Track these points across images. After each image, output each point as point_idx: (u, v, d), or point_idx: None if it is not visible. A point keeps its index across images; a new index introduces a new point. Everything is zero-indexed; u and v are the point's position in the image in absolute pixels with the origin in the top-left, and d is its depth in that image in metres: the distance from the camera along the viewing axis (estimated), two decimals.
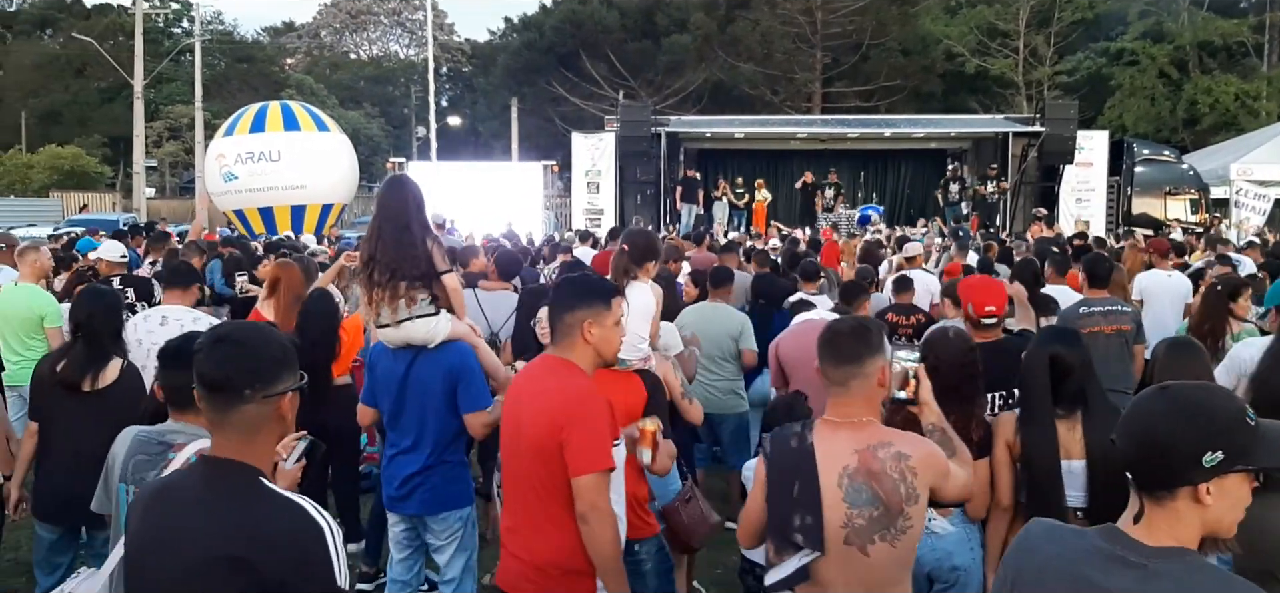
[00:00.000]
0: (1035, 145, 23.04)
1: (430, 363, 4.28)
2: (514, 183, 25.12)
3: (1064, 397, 3.70)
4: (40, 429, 4.60)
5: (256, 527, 2.10)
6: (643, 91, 37.83)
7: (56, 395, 4.53)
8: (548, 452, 3.12)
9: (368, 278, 4.32)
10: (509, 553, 3.33)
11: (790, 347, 6.07)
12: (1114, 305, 6.78)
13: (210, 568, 2.07)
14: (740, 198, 23.95)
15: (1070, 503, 3.63)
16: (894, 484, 2.83)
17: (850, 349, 2.96)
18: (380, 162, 43.10)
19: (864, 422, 2.93)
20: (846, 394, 2.95)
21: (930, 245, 14.78)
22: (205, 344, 2.26)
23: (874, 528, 2.83)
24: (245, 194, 23.65)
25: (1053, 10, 39.21)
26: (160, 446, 3.22)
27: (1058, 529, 2.11)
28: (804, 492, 2.87)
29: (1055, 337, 3.95)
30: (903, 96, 39.92)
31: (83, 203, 37.28)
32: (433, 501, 4.32)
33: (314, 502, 2.21)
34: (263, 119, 24.81)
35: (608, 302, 3.34)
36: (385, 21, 71.63)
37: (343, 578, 2.14)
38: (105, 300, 4.82)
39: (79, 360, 4.51)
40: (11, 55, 54.85)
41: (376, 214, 4.44)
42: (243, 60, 57.06)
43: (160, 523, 2.18)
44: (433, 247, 4.32)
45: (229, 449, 2.19)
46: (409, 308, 4.22)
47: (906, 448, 2.88)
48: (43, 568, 4.68)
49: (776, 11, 42.17)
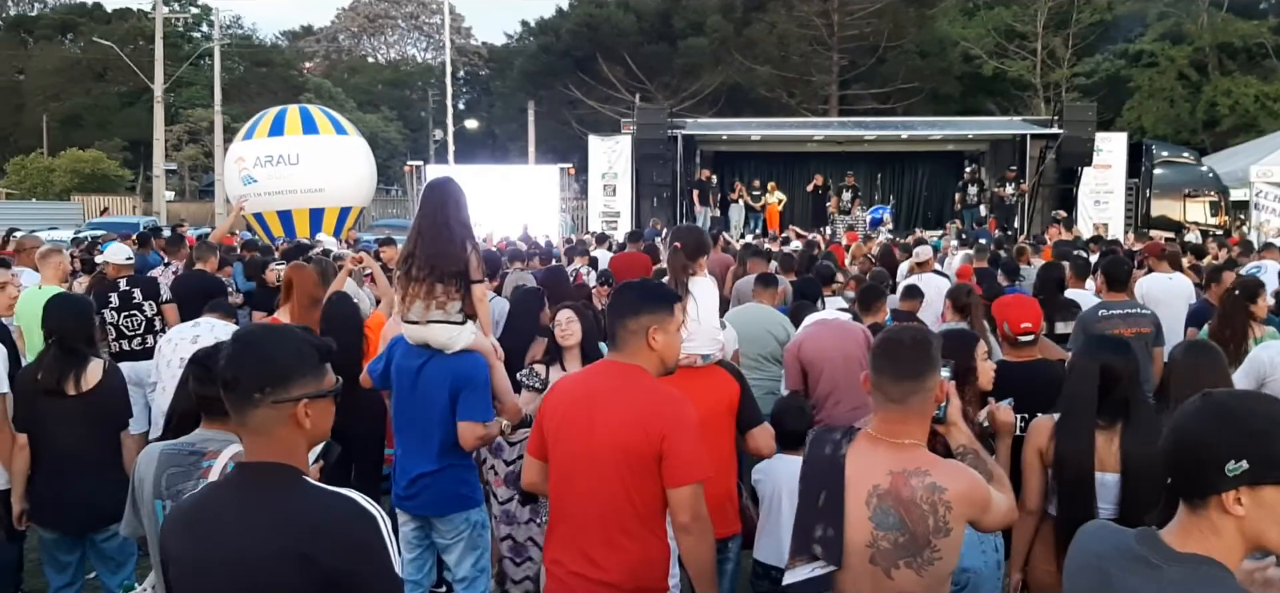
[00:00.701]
0: (1053, 148, 22.94)
1: (440, 366, 4.28)
2: (530, 186, 25.17)
3: (1107, 407, 3.63)
4: (31, 438, 4.63)
5: (311, 521, 2.09)
6: (659, 94, 37.90)
7: (41, 403, 4.57)
8: (637, 462, 3.03)
9: (406, 274, 4.33)
10: (563, 568, 3.18)
11: (812, 348, 6.00)
12: (1133, 308, 6.76)
13: (274, 567, 2.06)
14: (757, 200, 23.95)
15: (1101, 515, 3.55)
16: (923, 515, 2.70)
17: (912, 363, 2.79)
18: (398, 165, 43.26)
19: (906, 443, 2.78)
20: (902, 411, 2.78)
21: (948, 248, 14.76)
22: (226, 346, 2.29)
23: (899, 553, 2.71)
24: (264, 197, 23.76)
25: (1071, 12, 39.02)
26: (192, 456, 3.18)
27: (1107, 528, 2.11)
28: (829, 504, 2.78)
29: (1107, 346, 3.86)
30: (920, 99, 39.77)
31: (103, 206, 37.57)
32: (440, 501, 4.33)
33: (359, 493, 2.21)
34: (282, 122, 24.93)
35: (671, 307, 3.27)
36: (402, 25, 71.97)
37: (398, 564, 2.16)
38: (74, 306, 4.86)
39: (55, 366, 4.56)
40: (33, 60, 55.34)
41: (418, 214, 4.46)
42: (262, 64, 57.40)
43: (207, 536, 2.16)
44: (471, 252, 4.32)
45: (259, 452, 2.19)
46: (439, 310, 4.23)
47: (943, 479, 2.72)
48: (53, 568, 4.72)
49: (793, 14, 42.11)
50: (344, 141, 25.61)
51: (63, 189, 41.92)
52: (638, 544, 3.05)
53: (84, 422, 4.52)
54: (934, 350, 2.85)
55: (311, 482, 2.19)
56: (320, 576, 2.05)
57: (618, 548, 3.06)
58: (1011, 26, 40.74)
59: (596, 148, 24.95)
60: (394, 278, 4.80)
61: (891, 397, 2.78)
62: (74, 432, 4.52)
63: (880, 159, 26.24)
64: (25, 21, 62.44)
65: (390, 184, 46.93)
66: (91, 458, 4.48)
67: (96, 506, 4.47)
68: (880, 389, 2.81)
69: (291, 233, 22.25)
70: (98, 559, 4.71)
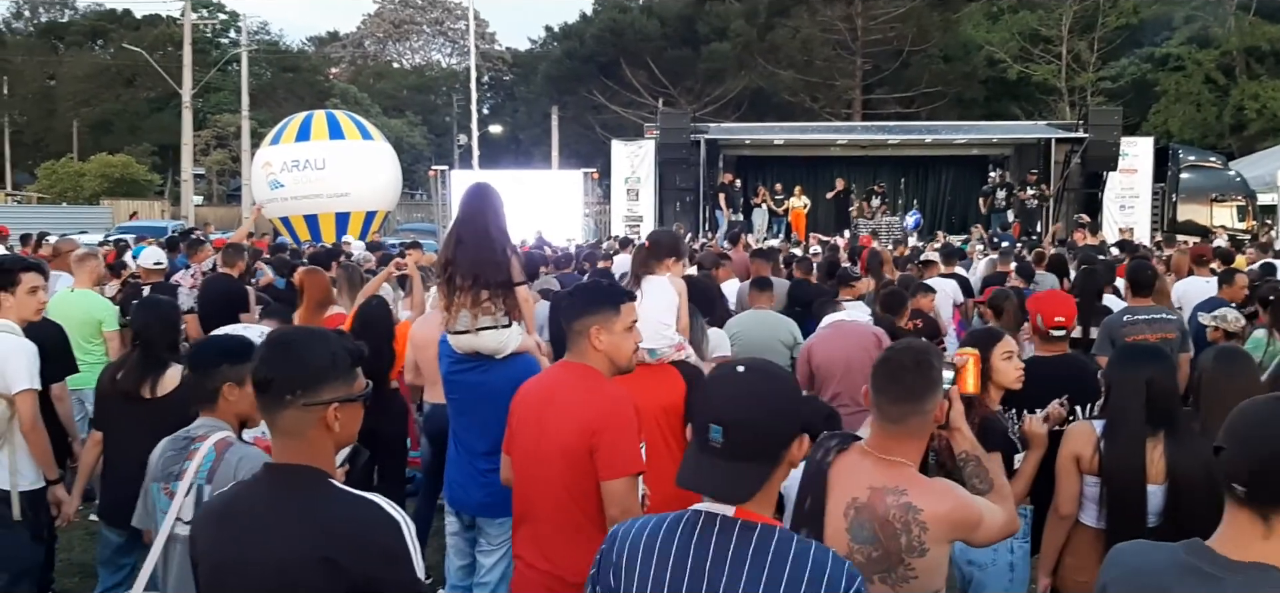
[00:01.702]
0: (1078, 152, 22.83)
1: (500, 373, 4.33)
2: (554, 190, 25.24)
3: (1151, 418, 3.60)
4: (104, 437, 4.70)
5: (336, 526, 2.11)
6: (682, 99, 37.93)
7: (118, 404, 4.62)
8: (577, 460, 3.11)
9: (447, 282, 4.39)
10: (526, 564, 3.29)
11: (824, 352, 6.02)
12: (1158, 313, 6.69)
13: (300, 572, 2.08)
14: (780, 205, 23.92)
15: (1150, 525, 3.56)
16: (895, 534, 2.64)
17: (912, 387, 2.73)
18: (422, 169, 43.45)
19: (894, 461, 2.72)
20: (898, 430, 2.73)
21: (973, 252, 14.73)
22: (260, 347, 2.32)
23: (873, 568, 2.65)
24: (291, 202, 23.97)
25: (1096, 16, 38.81)
26: (184, 440, 3.35)
27: (1145, 545, 2.10)
28: (812, 509, 2.76)
29: (1147, 357, 3.84)
30: (944, 103, 39.67)
31: (132, 210, 37.91)
32: (492, 504, 4.35)
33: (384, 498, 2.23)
34: (308, 128, 25.14)
35: (616, 307, 3.31)
36: (428, 31, 72.27)
37: (422, 570, 2.17)
38: (161, 310, 4.92)
39: (136, 369, 4.61)
40: (64, 66, 55.98)
41: (456, 220, 4.51)
42: (288, 70, 57.86)
43: (237, 536, 2.17)
44: (512, 256, 4.39)
45: (288, 454, 2.20)
46: (486, 317, 4.29)
47: (920, 501, 2.64)
48: (108, 568, 4.78)
49: (817, 18, 42.05)
50: (369, 147, 25.79)
51: (93, 193, 42.34)
52: (589, 541, 3.03)
53: (157, 426, 4.51)
54: (935, 373, 2.79)
55: (338, 486, 2.20)
56: (345, 581, 2.07)
57: (572, 544, 3.12)
58: (1036, 30, 40.51)
59: (620, 153, 25.00)
60: (434, 285, 4.84)
61: (889, 416, 2.74)
62: (147, 435, 4.54)
63: (904, 163, 26.17)
64: (56, 28, 63.18)
65: (415, 189, 47.19)
66: None
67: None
68: (878, 408, 2.76)
69: (318, 237, 22.44)
70: None
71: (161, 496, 3.37)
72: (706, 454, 2.07)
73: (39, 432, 4.67)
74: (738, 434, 2.04)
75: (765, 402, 2.09)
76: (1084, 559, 3.73)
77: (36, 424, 4.66)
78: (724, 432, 2.05)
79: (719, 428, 2.05)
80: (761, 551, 2.03)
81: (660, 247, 4.75)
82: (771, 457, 2.09)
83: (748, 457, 2.06)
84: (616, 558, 2.19)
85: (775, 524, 2.09)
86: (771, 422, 2.08)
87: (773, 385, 2.13)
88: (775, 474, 2.11)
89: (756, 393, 2.09)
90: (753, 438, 2.05)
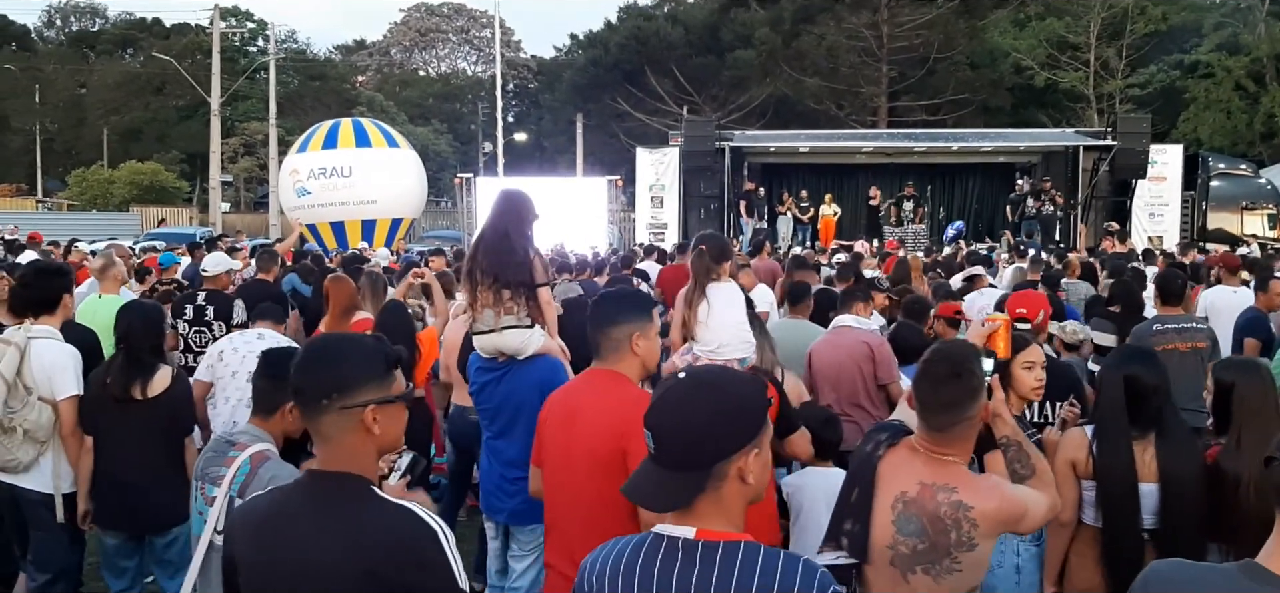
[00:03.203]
0: (1106, 160, 22.66)
1: (523, 376, 4.36)
2: (579, 198, 25.28)
3: (1139, 418, 3.63)
4: (97, 442, 4.74)
5: (374, 536, 2.09)
6: (707, 107, 37.87)
7: (108, 408, 4.67)
8: (608, 465, 3.10)
9: (470, 284, 4.45)
10: (557, 571, 3.29)
11: (820, 358, 6.01)
12: (1188, 322, 6.64)
13: (340, 582, 2.07)
14: (805, 212, 23.85)
15: (1144, 525, 3.58)
16: (945, 530, 2.72)
17: (955, 396, 2.78)
18: (448, 177, 43.66)
19: (946, 458, 2.79)
20: (945, 436, 2.80)
21: (999, 261, 14.63)
22: (296, 354, 2.33)
23: (917, 559, 2.75)
24: (318, 209, 24.14)
25: (1124, 23, 38.48)
26: (226, 444, 3.41)
27: (1187, 566, 2.06)
28: (860, 501, 2.83)
29: (1132, 357, 3.88)
30: (970, 110, 39.44)
31: (161, 217, 38.28)
32: (523, 513, 4.36)
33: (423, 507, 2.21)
34: (335, 136, 25.32)
35: (650, 314, 3.40)
36: (453, 39, 72.67)
37: (462, 580, 2.14)
38: (143, 314, 4.97)
39: (123, 372, 4.66)
40: (95, 74, 56.65)
41: (483, 224, 4.59)
42: (315, 78, 58.24)
43: (276, 541, 2.17)
44: (534, 259, 4.44)
45: (329, 461, 2.19)
46: (506, 316, 4.33)
47: (971, 498, 2.73)
48: (111, 572, 4.84)
49: (842, 26, 41.96)
50: (395, 154, 25.94)
51: (122, 200, 42.79)
52: None
53: (148, 428, 4.61)
54: (976, 379, 2.81)
55: (378, 493, 2.19)
56: (384, 590, 2.07)
57: None
58: (1064, 37, 40.23)
59: (644, 160, 25.03)
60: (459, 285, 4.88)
61: (935, 426, 2.79)
62: (138, 437, 4.61)
63: (930, 171, 26.05)
64: (87, 37, 64.00)
65: (440, 196, 47.38)
66: (153, 463, 4.57)
67: (157, 511, 4.60)
68: (923, 417, 2.81)
69: (344, 244, 22.57)
70: (156, 564, 4.82)
71: (198, 494, 3.42)
72: (648, 462, 2.04)
73: (77, 436, 4.76)
74: (668, 442, 2.00)
75: (699, 410, 2.00)
76: (1085, 560, 3.76)
77: (76, 429, 4.75)
78: (654, 438, 2.01)
79: (650, 434, 2.02)
80: (726, 570, 1.97)
81: (717, 252, 4.72)
82: (704, 467, 1.99)
83: (678, 466, 2.00)
84: (587, 586, 2.16)
85: (739, 538, 2.01)
86: (704, 431, 1.99)
87: (711, 394, 2.04)
88: (723, 489, 2.01)
89: (690, 401, 2.02)
90: (682, 447, 1.99)
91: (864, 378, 5.86)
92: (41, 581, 4.81)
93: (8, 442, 4.60)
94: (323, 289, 7.27)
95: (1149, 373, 3.68)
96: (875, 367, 5.87)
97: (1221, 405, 3.74)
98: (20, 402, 4.62)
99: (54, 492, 4.75)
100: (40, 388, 4.66)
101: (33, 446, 4.67)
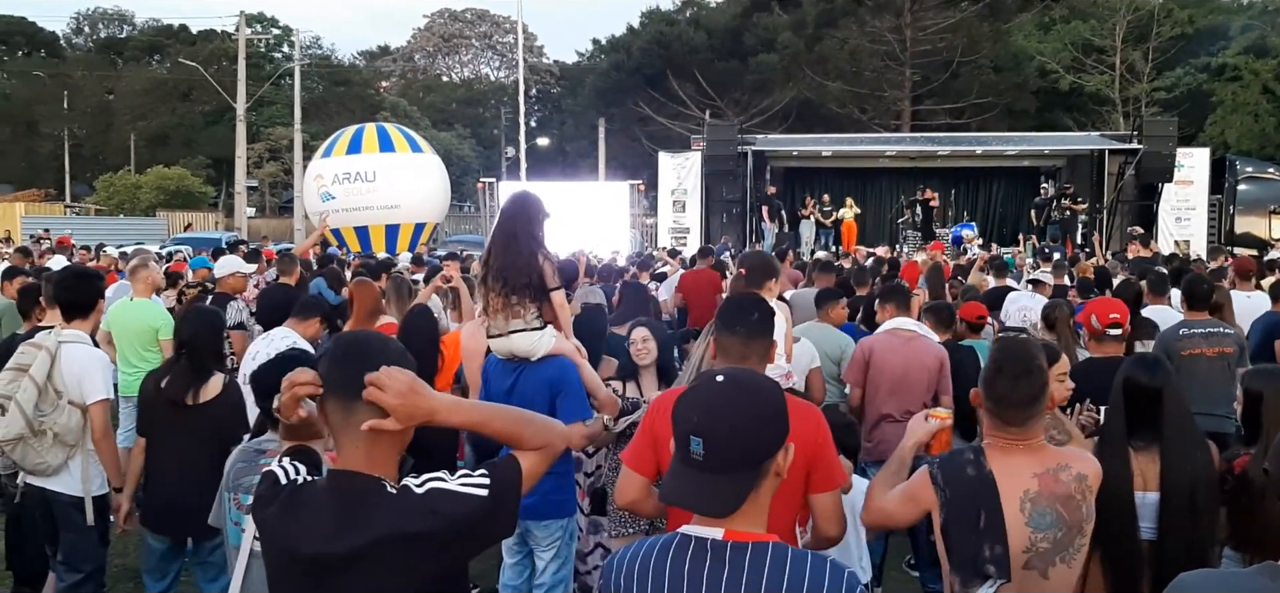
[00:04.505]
0: (1132, 163, 22.49)
1: (533, 376, 4.41)
2: (601, 202, 25.33)
3: (1143, 425, 3.52)
4: (148, 444, 4.81)
5: (398, 512, 2.09)
6: (729, 111, 37.85)
7: (162, 411, 4.72)
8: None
9: (484, 289, 4.50)
10: None
11: (884, 357, 5.94)
12: (1216, 328, 6.53)
13: (399, 545, 2.08)
14: (827, 216, 23.78)
15: (1142, 535, 3.49)
16: (1077, 506, 2.82)
17: (1028, 392, 2.86)
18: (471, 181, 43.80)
19: (1037, 445, 2.89)
20: (1028, 427, 2.89)
21: (1022, 264, 14.56)
22: (324, 354, 2.32)
23: (1056, 551, 2.81)
24: (342, 214, 24.29)
25: (1150, 25, 38.20)
26: (256, 454, 3.43)
27: (1212, 575, 2.09)
28: (990, 522, 2.80)
29: (1135, 362, 3.78)
30: (994, 114, 39.18)
31: (187, 222, 38.62)
32: (540, 507, 4.41)
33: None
34: (359, 141, 25.49)
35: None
36: (477, 45, 72.98)
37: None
38: (208, 320, 5.05)
39: (182, 377, 4.71)
40: (122, 80, 57.14)
41: (493, 228, 4.63)
42: (340, 84, 58.57)
43: (302, 533, 2.16)
44: (544, 263, 4.44)
45: (349, 461, 2.17)
46: (518, 319, 4.37)
47: (1083, 468, 2.88)
48: (153, 575, 4.88)
49: (865, 29, 41.83)
50: (419, 159, 26.08)
51: (149, 205, 43.15)
52: None
53: (198, 432, 4.62)
54: (1043, 371, 2.91)
55: (391, 488, 2.17)
56: (431, 547, 2.09)
57: None
58: (1089, 40, 39.98)
59: (666, 164, 25.03)
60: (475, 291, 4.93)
61: (1019, 419, 2.87)
62: (188, 441, 4.63)
63: (954, 175, 25.91)
64: (115, 43, 64.62)
65: (463, 201, 47.53)
66: (202, 468, 4.48)
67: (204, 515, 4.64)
68: (1003, 415, 2.88)
69: (367, 248, 22.71)
70: (199, 567, 4.86)
71: (232, 505, 3.44)
72: (689, 467, 2.04)
73: (109, 440, 4.82)
74: (718, 446, 2.00)
75: (745, 411, 2.04)
76: (1096, 568, 3.68)
77: (107, 433, 4.82)
78: (704, 444, 2.01)
79: (699, 440, 2.01)
80: (755, 571, 1.98)
81: (759, 270, 4.72)
82: (754, 468, 2.04)
83: (729, 468, 2.01)
84: (614, 585, 2.17)
85: (768, 539, 2.04)
86: (753, 432, 2.04)
87: (753, 395, 2.09)
88: (762, 487, 2.06)
89: (736, 403, 2.04)
90: (733, 449, 2.01)
91: (929, 388, 5.81)
92: (71, 581, 4.86)
93: (38, 445, 4.65)
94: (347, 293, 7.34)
95: (1148, 377, 3.56)
96: (941, 378, 5.84)
97: (1251, 415, 3.69)
98: (50, 405, 4.67)
99: (83, 495, 4.80)
100: (70, 392, 4.71)
101: (62, 449, 4.72)
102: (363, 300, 6.63)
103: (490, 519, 2.17)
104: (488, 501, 2.15)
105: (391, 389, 2.06)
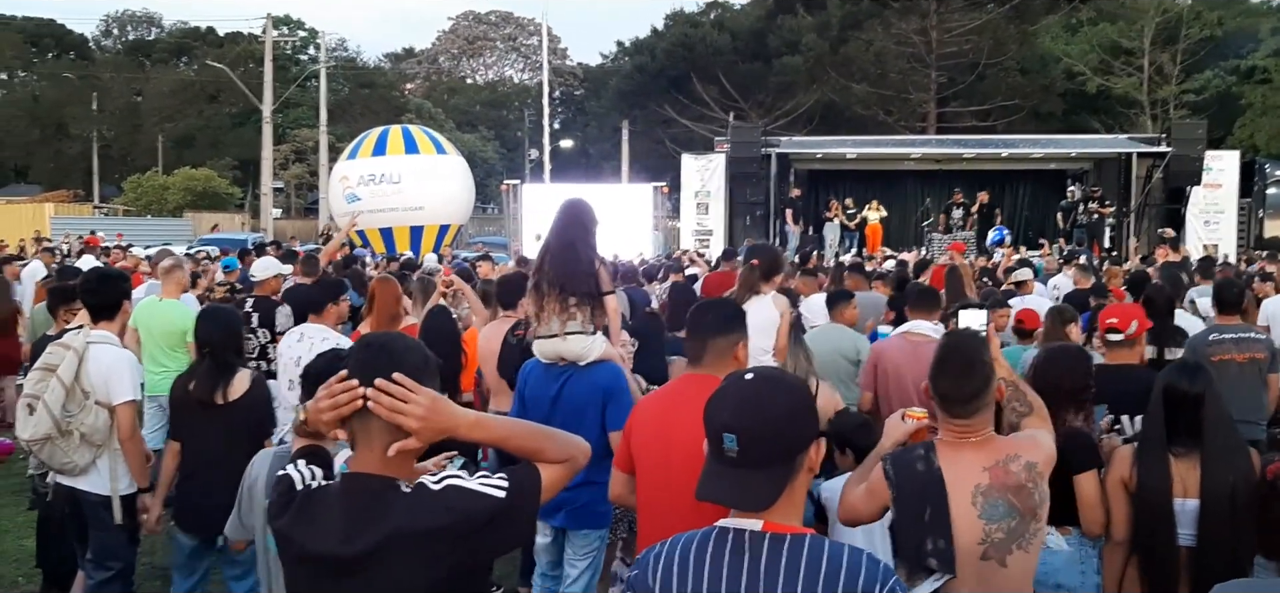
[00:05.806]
0: (1160, 166, 22.28)
1: (583, 382, 4.44)
2: (624, 204, 25.30)
3: (1182, 432, 3.57)
4: (181, 446, 4.86)
5: (411, 510, 2.10)
6: (753, 113, 37.82)
7: (192, 412, 4.78)
8: None
9: (536, 290, 4.56)
10: None
11: (892, 360, 5.87)
12: (1246, 333, 6.46)
13: (412, 542, 2.08)
14: (852, 219, 23.67)
15: (1180, 542, 3.53)
16: (1029, 494, 2.86)
17: (970, 384, 2.92)
18: (495, 183, 43.95)
19: (986, 438, 2.93)
20: (976, 419, 2.93)
21: (1050, 268, 14.45)
22: (350, 353, 2.32)
23: (1012, 539, 2.85)
24: (367, 215, 24.34)
25: (1179, 28, 37.87)
26: (288, 455, 3.39)
27: (1252, 584, 2.12)
28: (935, 517, 2.86)
29: (1177, 369, 3.82)
30: (1021, 116, 38.94)
31: (213, 223, 38.86)
32: (579, 516, 4.45)
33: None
34: (384, 143, 25.58)
35: (747, 328, 3.53)
36: (501, 47, 73.19)
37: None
38: (223, 319, 5.09)
39: (208, 377, 4.77)
40: (150, 82, 57.64)
41: (549, 232, 4.69)
42: (365, 86, 58.90)
43: (319, 533, 2.16)
44: (599, 268, 4.57)
45: (364, 463, 2.16)
46: (571, 323, 4.43)
47: (1032, 456, 2.91)
48: (183, 572, 4.93)
49: (891, 31, 41.68)
50: (443, 161, 26.14)
51: (176, 206, 43.46)
52: None
53: (228, 430, 4.70)
54: (986, 365, 2.96)
55: (404, 490, 2.16)
56: (452, 546, 2.09)
57: None
58: (1117, 43, 39.68)
59: (690, 166, 24.97)
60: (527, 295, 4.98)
61: (960, 414, 2.92)
62: (218, 440, 4.71)
63: (980, 177, 25.69)
64: (143, 46, 65.19)
65: (487, 202, 47.67)
66: (233, 466, 4.56)
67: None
68: (949, 410, 2.94)
69: (392, 250, 22.79)
70: (227, 565, 4.92)
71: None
72: (723, 464, 2.08)
73: (136, 440, 4.86)
74: (752, 441, 2.04)
75: (777, 407, 2.09)
76: (1134, 574, 3.74)
77: (134, 433, 4.85)
78: (738, 440, 2.04)
79: (733, 436, 2.05)
80: (793, 562, 2.03)
81: (768, 265, 4.78)
82: (787, 462, 2.08)
83: (764, 463, 2.06)
84: (650, 580, 2.17)
85: (805, 532, 2.09)
86: (785, 427, 2.08)
87: (783, 391, 2.14)
88: (796, 481, 2.11)
89: (767, 399, 2.09)
90: (767, 444, 2.05)
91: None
92: (99, 579, 4.90)
93: (65, 445, 4.69)
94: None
95: (1188, 384, 3.61)
96: None
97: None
98: (77, 406, 4.70)
99: (111, 494, 4.84)
100: (97, 393, 4.75)
101: (89, 449, 4.75)
102: (383, 299, 6.59)
103: (505, 520, 2.16)
104: (505, 501, 2.14)
105: (413, 414, 2.08)
